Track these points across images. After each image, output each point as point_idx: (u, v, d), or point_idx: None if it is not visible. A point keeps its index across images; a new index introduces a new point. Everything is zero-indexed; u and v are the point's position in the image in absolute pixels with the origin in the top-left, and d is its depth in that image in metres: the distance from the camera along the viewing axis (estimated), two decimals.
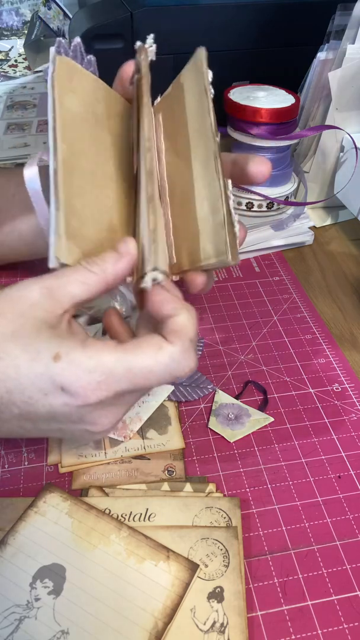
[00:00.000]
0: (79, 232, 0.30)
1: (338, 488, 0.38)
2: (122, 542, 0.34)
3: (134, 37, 0.64)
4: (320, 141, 0.60)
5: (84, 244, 0.30)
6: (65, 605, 0.31)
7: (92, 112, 0.32)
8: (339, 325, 0.51)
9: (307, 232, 0.60)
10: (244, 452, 0.40)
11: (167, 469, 0.38)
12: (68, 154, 0.30)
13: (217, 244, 0.28)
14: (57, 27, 0.94)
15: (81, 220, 0.30)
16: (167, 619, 0.31)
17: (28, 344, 0.28)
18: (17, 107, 0.88)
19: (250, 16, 0.66)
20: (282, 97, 0.55)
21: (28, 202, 0.47)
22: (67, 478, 0.38)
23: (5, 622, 0.31)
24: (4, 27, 1.12)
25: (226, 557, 0.33)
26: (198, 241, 0.30)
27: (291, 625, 0.32)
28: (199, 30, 0.65)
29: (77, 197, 0.30)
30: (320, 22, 0.57)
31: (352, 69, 0.55)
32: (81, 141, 0.31)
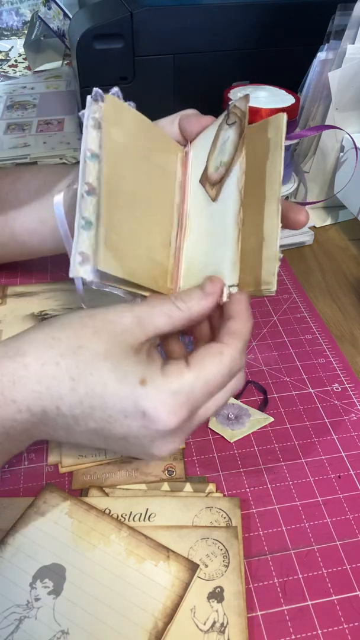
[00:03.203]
0: (118, 246, 0.32)
1: (338, 488, 0.38)
2: (122, 542, 0.34)
3: (134, 37, 0.64)
4: (320, 141, 0.60)
5: (123, 259, 0.32)
6: (65, 605, 0.31)
7: (136, 144, 0.36)
8: (339, 325, 0.51)
9: (307, 232, 0.60)
10: (244, 452, 0.40)
11: (167, 469, 0.38)
12: (111, 175, 0.33)
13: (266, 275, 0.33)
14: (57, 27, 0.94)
15: (120, 236, 0.32)
16: (167, 619, 0.31)
17: (117, 365, 0.30)
18: (17, 107, 0.88)
19: (250, 16, 0.66)
20: (282, 97, 0.55)
21: (22, 200, 0.47)
22: (67, 478, 0.38)
23: (5, 622, 0.31)
24: (4, 27, 1.12)
25: (226, 557, 0.33)
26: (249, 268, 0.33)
27: (291, 625, 0.32)
28: (199, 30, 0.65)
29: (117, 215, 0.33)
30: (320, 22, 0.57)
31: (352, 69, 0.55)
32: (124, 167, 0.34)
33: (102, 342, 0.30)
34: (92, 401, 0.30)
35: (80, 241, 0.31)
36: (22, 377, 0.30)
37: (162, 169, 0.38)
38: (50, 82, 0.96)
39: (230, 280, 0.33)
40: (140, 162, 0.36)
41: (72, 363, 0.30)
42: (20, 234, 0.48)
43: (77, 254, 0.31)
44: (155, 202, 0.36)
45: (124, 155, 0.35)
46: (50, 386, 0.30)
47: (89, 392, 0.29)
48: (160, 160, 0.38)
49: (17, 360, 0.30)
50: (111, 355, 0.30)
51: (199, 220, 0.37)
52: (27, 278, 0.54)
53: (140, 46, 0.65)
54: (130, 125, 0.36)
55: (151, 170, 0.37)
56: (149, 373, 0.30)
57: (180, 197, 0.38)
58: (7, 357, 0.30)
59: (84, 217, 0.32)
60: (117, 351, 0.30)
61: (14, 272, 0.55)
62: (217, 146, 0.37)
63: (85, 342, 0.30)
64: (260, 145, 0.35)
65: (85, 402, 0.30)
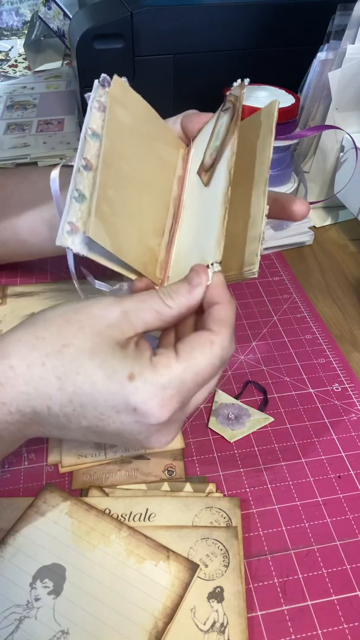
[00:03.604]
0: (109, 219, 0.31)
1: (338, 488, 0.38)
2: (122, 542, 0.34)
3: (134, 37, 0.64)
4: (320, 141, 0.60)
5: (113, 233, 0.31)
6: (65, 605, 0.31)
7: (139, 129, 0.36)
8: (339, 325, 0.51)
9: (307, 232, 0.60)
10: (244, 452, 0.40)
11: (167, 469, 0.38)
12: (110, 150, 0.33)
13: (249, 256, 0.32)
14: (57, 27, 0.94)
15: (113, 210, 0.32)
16: (167, 619, 0.31)
17: (104, 361, 0.29)
18: (17, 107, 0.88)
19: (250, 16, 0.66)
20: (282, 97, 0.55)
21: (26, 200, 0.47)
22: (67, 478, 0.38)
23: (5, 622, 0.31)
24: (4, 27, 1.12)
25: (226, 557, 0.33)
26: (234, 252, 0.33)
27: (291, 625, 0.32)
28: (199, 30, 0.65)
29: (112, 189, 0.32)
30: (320, 22, 0.57)
31: (352, 69, 0.55)
32: (124, 147, 0.34)
33: (87, 339, 0.29)
34: (82, 399, 0.29)
35: (71, 212, 0.31)
36: (9, 379, 0.29)
37: (162, 159, 0.38)
38: (50, 82, 0.96)
39: (213, 257, 0.32)
40: (141, 146, 0.36)
41: (58, 362, 0.29)
42: (21, 234, 0.48)
43: (67, 223, 0.31)
44: (151, 188, 0.36)
45: (125, 136, 0.34)
46: (38, 387, 0.29)
47: (77, 390, 0.29)
48: (161, 150, 0.38)
49: (3, 362, 0.29)
50: (97, 351, 0.29)
51: (191, 209, 0.37)
52: (27, 278, 0.54)
53: (140, 46, 0.65)
54: (135, 109, 0.36)
55: (151, 157, 0.36)
56: (137, 367, 0.29)
57: (178, 191, 0.38)
58: None
59: (77, 190, 0.31)
60: (104, 347, 0.29)
61: (14, 272, 0.55)
62: (214, 135, 0.37)
63: (70, 340, 0.29)
64: (253, 130, 0.36)
65: (74, 400, 0.29)
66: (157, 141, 0.38)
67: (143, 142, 0.36)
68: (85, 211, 0.31)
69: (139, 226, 0.34)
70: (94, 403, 0.29)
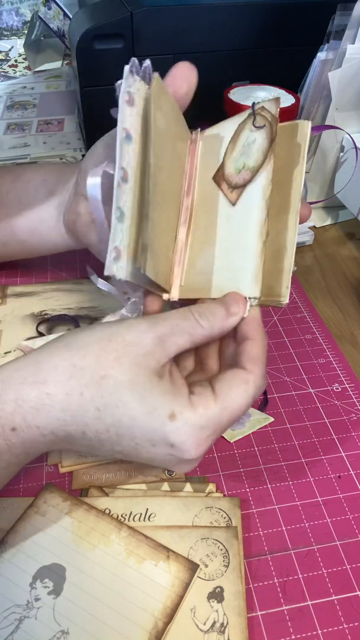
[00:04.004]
0: (155, 247, 0.31)
1: (338, 488, 0.38)
2: (122, 542, 0.34)
3: (134, 37, 0.64)
4: (320, 141, 0.60)
5: (156, 260, 0.31)
6: (65, 605, 0.31)
7: (170, 131, 0.34)
8: (339, 325, 0.51)
9: (307, 232, 0.60)
10: (244, 452, 0.40)
11: (167, 469, 0.38)
12: (156, 168, 0.31)
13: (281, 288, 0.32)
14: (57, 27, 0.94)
15: (155, 235, 0.31)
16: (167, 619, 0.31)
17: (144, 396, 0.29)
18: (17, 107, 0.88)
19: (250, 16, 0.66)
20: (282, 97, 0.55)
21: (23, 199, 0.47)
22: (67, 478, 0.38)
23: (5, 622, 0.31)
24: (4, 27, 1.12)
25: (226, 557, 0.33)
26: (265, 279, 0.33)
27: (291, 625, 0.32)
28: (199, 30, 0.65)
29: (156, 212, 0.31)
30: (320, 22, 0.57)
31: (352, 69, 0.55)
32: (162, 158, 0.33)
33: (125, 370, 0.29)
34: (119, 430, 0.29)
35: (116, 235, 0.30)
36: (46, 406, 0.29)
37: (179, 158, 0.36)
38: (50, 82, 0.96)
39: (251, 292, 0.32)
40: (171, 152, 0.34)
41: (97, 393, 0.29)
42: (20, 233, 0.48)
43: (112, 249, 0.30)
44: (174, 196, 0.35)
45: (162, 144, 0.33)
46: (75, 415, 0.29)
47: (116, 422, 0.29)
48: (180, 149, 0.36)
49: (39, 388, 0.29)
50: (136, 384, 0.29)
51: (208, 220, 0.35)
52: (27, 278, 0.54)
53: (140, 46, 0.65)
54: (168, 110, 0.34)
55: (174, 160, 0.35)
56: (177, 406, 0.29)
57: (186, 189, 0.36)
58: (27, 384, 0.29)
59: (119, 208, 0.30)
60: (142, 378, 0.29)
61: (14, 272, 0.55)
62: (238, 146, 0.35)
63: (108, 371, 0.29)
64: (285, 151, 0.34)
65: (111, 430, 0.30)
66: (179, 140, 0.36)
67: (171, 146, 0.34)
68: (126, 233, 0.30)
69: (166, 241, 0.33)
70: (131, 435, 0.29)
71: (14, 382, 0.30)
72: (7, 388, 0.29)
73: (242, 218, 0.33)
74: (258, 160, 0.33)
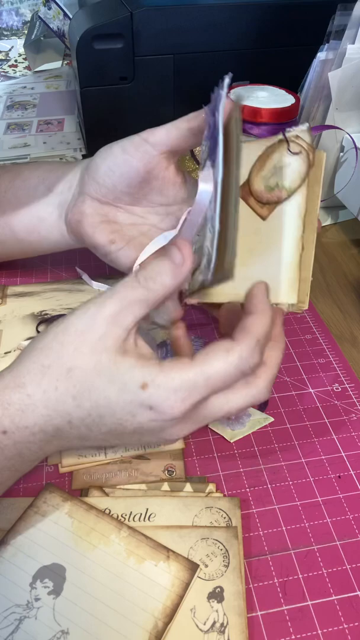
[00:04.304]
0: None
1: (338, 488, 0.38)
2: (122, 542, 0.34)
3: (134, 37, 0.64)
4: (320, 141, 0.60)
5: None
6: (65, 605, 0.31)
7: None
8: (339, 325, 0.51)
9: None
10: (244, 452, 0.40)
11: (167, 469, 0.38)
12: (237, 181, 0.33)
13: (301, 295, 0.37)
14: (57, 27, 0.94)
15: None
16: (167, 619, 0.31)
17: (112, 376, 0.30)
18: (17, 107, 0.88)
19: (250, 16, 0.66)
20: (282, 97, 0.55)
21: (21, 198, 0.47)
22: (67, 478, 0.38)
23: (5, 622, 0.31)
24: (4, 27, 1.12)
25: (226, 557, 0.33)
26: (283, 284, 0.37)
27: (291, 625, 0.32)
28: (199, 30, 0.65)
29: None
30: (320, 22, 0.57)
31: (352, 69, 0.55)
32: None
33: (86, 358, 0.30)
34: (99, 411, 0.31)
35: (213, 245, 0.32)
36: (29, 405, 0.31)
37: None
38: (50, 82, 0.96)
39: (289, 299, 0.36)
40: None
41: (69, 384, 0.31)
42: (19, 232, 0.48)
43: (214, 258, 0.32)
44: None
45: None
46: (57, 408, 0.31)
47: (94, 405, 0.31)
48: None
49: (20, 391, 0.31)
50: (101, 367, 0.30)
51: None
52: (27, 278, 0.54)
53: (140, 46, 0.65)
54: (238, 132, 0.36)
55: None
56: (147, 375, 0.30)
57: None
58: (9, 389, 0.31)
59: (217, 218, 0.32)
60: (105, 361, 0.30)
61: (14, 272, 0.55)
62: (269, 166, 0.37)
63: (72, 362, 0.31)
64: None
65: (92, 413, 0.31)
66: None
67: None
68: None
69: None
70: (111, 412, 0.31)
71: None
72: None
73: (275, 232, 0.36)
74: (295, 182, 0.37)
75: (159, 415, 0.30)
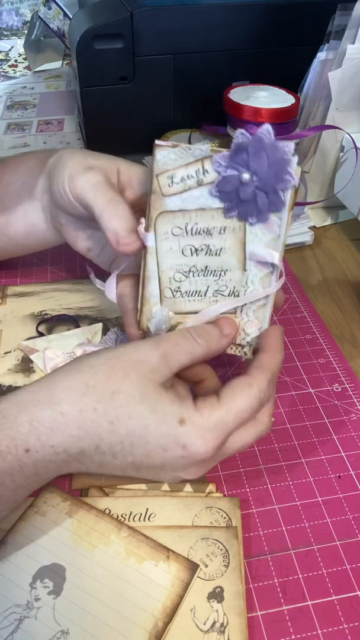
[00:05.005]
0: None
1: (338, 488, 0.38)
2: (122, 542, 0.34)
3: (134, 37, 0.64)
4: (320, 141, 0.60)
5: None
6: (65, 605, 0.31)
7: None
8: (339, 325, 0.51)
9: (307, 232, 0.60)
10: (244, 452, 0.40)
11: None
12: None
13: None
14: (57, 27, 0.94)
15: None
16: (167, 619, 0.31)
17: (154, 406, 0.31)
18: (17, 107, 0.88)
19: (251, 16, 0.66)
20: (282, 97, 0.55)
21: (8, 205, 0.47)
22: (67, 478, 0.38)
23: (5, 622, 0.31)
24: (4, 27, 1.12)
25: (226, 557, 0.33)
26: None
27: (291, 625, 0.32)
28: (199, 30, 0.65)
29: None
30: (320, 22, 0.57)
31: (352, 69, 0.55)
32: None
33: (135, 385, 0.31)
34: (133, 440, 0.31)
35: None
36: (61, 424, 0.31)
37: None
38: (50, 82, 0.96)
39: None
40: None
41: (109, 408, 0.31)
42: (15, 237, 0.48)
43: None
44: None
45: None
46: (89, 430, 0.31)
47: (130, 433, 0.31)
48: None
49: (54, 408, 0.31)
50: (146, 396, 0.31)
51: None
52: (27, 278, 0.54)
53: (140, 46, 0.65)
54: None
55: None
56: (185, 412, 0.31)
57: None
58: (42, 404, 0.31)
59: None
60: (151, 392, 0.31)
61: (14, 272, 0.55)
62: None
63: (118, 387, 0.31)
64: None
65: (125, 441, 0.31)
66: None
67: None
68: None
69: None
70: (144, 443, 0.31)
71: (28, 404, 0.31)
72: (22, 410, 0.31)
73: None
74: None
75: (189, 455, 0.31)
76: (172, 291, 0.36)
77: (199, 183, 0.33)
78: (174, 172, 0.33)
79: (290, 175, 0.32)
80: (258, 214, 0.33)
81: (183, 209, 0.34)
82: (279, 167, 0.32)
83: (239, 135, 0.32)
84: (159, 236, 0.35)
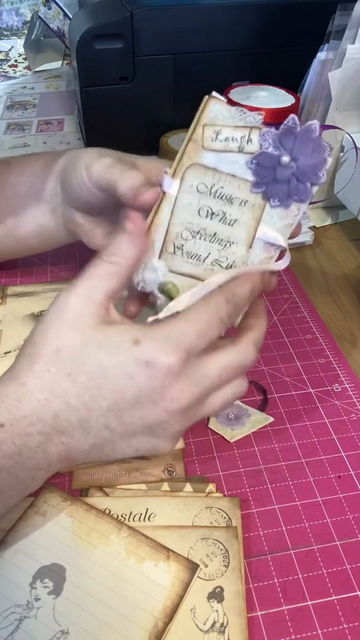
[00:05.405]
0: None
1: (338, 488, 0.38)
2: (122, 542, 0.34)
3: (134, 37, 0.64)
4: None
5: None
6: (65, 605, 0.31)
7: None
8: (339, 325, 0.51)
9: (307, 232, 0.60)
10: (244, 452, 0.40)
11: (167, 469, 0.38)
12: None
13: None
14: (57, 27, 0.94)
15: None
16: (167, 619, 0.31)
17: (101, 343, 0.31)
18: (17, 107, 0.88)
19: (250, 16, 0.66)
20: (282, 97, 0.55)
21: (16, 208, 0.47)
22: (67, 478, 0.38)
23: (5, 622, 0.31)
24: (4, 27, 1.12)
25: (226, 557, 0.33)
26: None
27: (291, 625, 0.32)
28: (199, 30, 0.65)
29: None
30: (320, 22, 0.57)
31: (352, 69, 0.55)
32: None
33: (71, 336, 0.31)
34: (96, 381, 0.31)
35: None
36: (25, 393, 0.31)
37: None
38: (50, 82, 0.96)
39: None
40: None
41: (61, 363, 0.31)
42: (24, 239, 0.48)
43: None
44: None
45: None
46: (53, 389, 0.31)
47: (89, 375, 0.31)
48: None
49: (14, 382, 0.31)
50: (88, 339, 0.31)
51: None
52: (27, 278, 0.54)
53: (140, 46, 0.65)
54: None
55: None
56: (137, 333, 0.31)
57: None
58: (4, 383, 0.31)
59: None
60: (90, 334, 0.31)
61: (14, 272, 0.55)
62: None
63: (57, 344, 0.31)
64: None
65: (89, 385, 0.31)
66: None
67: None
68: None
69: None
70: (107, 378, 0.31)
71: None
72: None
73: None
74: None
75: (156, 369, 0.30)
76: (174, 247, 0.35)
77: (239, 149, 0.34)
78: (221, 129, 0.34)
79: (323, 174, 0.33)
80: (283, 198, 0.34)
81: (216, 169, 0.34)
82: (318, 161, 0.33)
83: (291, 119, 0.33)
84: (183, 187, 0.34)
